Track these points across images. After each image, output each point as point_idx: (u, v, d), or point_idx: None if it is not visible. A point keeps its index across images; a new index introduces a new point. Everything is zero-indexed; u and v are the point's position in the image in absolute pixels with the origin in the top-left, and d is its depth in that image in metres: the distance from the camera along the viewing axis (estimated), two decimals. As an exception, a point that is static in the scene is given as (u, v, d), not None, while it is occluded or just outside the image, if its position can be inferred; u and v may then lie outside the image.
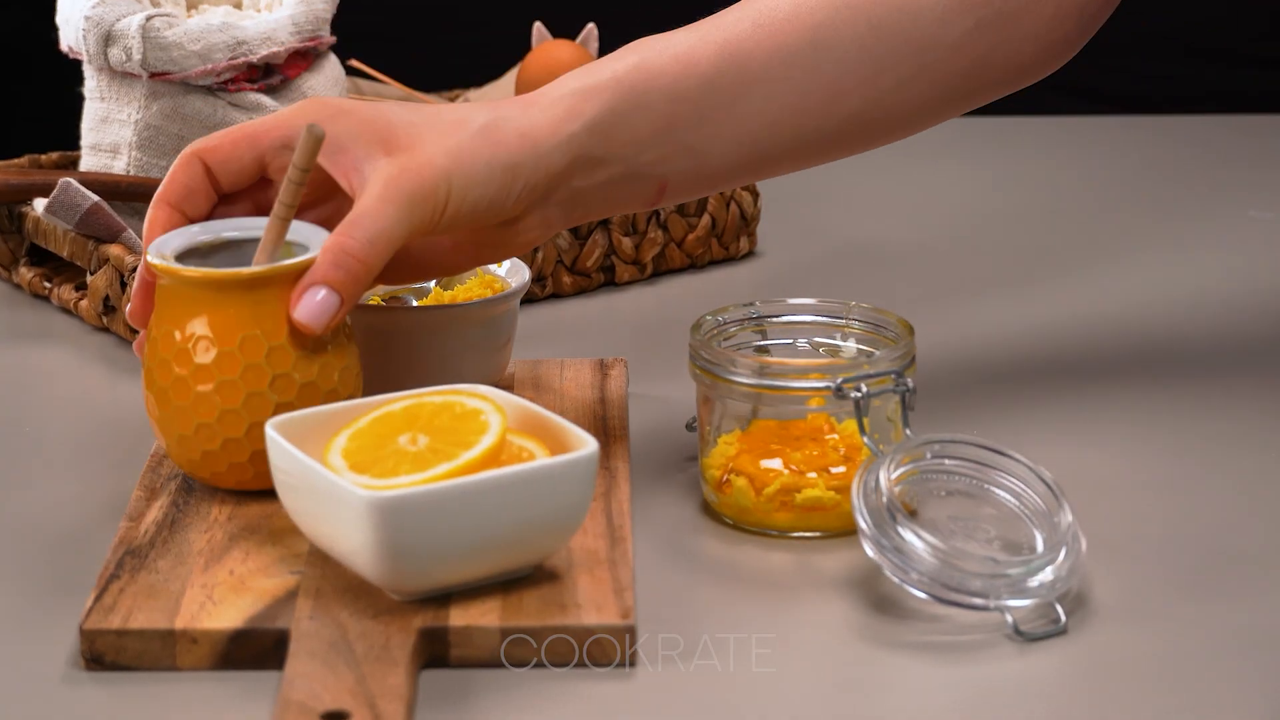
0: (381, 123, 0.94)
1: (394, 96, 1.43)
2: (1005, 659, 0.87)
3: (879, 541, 0.89)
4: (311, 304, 0.92)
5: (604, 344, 1.17)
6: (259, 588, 0.89)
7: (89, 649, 0.87)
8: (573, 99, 0.96)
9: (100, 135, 1.25)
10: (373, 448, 0.89)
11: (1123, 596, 0.92)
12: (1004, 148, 1.53)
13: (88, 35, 1.22)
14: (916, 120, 1.01)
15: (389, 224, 0.92)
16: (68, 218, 1.20)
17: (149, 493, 0.97)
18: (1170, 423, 1.08)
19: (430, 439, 0.89)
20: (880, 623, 0.90)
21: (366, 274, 0.92)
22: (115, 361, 1.17)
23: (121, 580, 0.90)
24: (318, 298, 0.92)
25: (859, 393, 0.94)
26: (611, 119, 0.96)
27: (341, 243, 0.92)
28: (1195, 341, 1.19)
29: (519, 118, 0.95)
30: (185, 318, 0.95)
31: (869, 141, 1.01)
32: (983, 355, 1.17)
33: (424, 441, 0.89)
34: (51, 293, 1.24)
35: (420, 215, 0.93)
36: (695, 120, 0.96)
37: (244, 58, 1.23)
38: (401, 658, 0.85)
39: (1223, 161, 1.52)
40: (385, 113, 0.94)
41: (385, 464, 0.88)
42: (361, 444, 0.90)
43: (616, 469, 0.99)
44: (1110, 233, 1.37)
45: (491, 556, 0.88)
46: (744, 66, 0.96)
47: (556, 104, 0.96)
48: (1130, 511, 0.99)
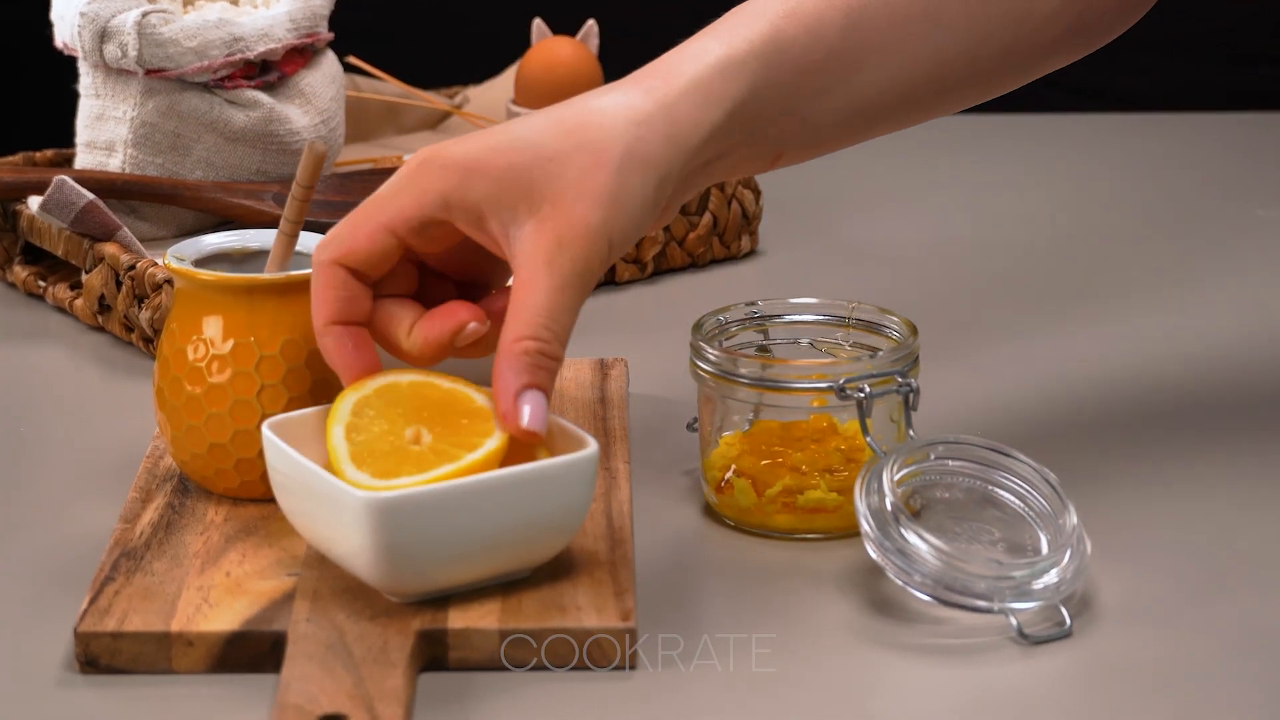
0: (516, 177, 0.87)
1: (392, 94, 1.42)
2: (1009, 662, 0.87)
3: (882, 543, 0.89)
4: (531, 411, 0.87)
5: (604, 344, 1.17)
6: (256, 590, 0.89)
7: (84, 652, 0.86)
8: (712, 81, 0.91)
9: (95, 133, 1.24)
10: (377, 436, 0.89)
11: (1128, 599, 0.91)
12: (1008, 146, 1.53)
13: (83, 31, 1.22)
14: (1011, 80, 1.01)
15: (567, 310, 0.87)
16: (63, 216, 1.19)
17: (144, 494, 0.97)
18: (1175, 424, 1.08)
19: (434, 438, 0.89)
20: (882, 625, 0.90)
21: (559, 366, 0.88)
22: (110, 361, 1.17)
23: (117, 582, 0.90)
24: (530, 403, 0.88)
25: (862, 393, 0.94)
26: (751, 99, 0.92)
27: (529, 347, 0.87)
28: (1200, 341, 1.18)
29: (659, 119, 0.89)
30: (189, 319, 0.96)
31: (961, 104, 1.00)
32: (986, 355, 1.16)
33: (428, 440, 0.89)
34: (46, 291, 1.24)
35: (589, 285, 0.88)
36: (815, 92, 0.94)
37: (241, 54, 1.23)
38: (400, 660, 0.84)
39: (1230, 159, 1.52)
40: (516, 161, 0.88)
41: (388, 461, 0.88)
42: (365, 422, 0.89)
43: (617, 470, 0.99)
44: (1114, 232, 1.37)
45: (491, 558, 0.88)
46: (865, 36, 0.94)
47: (697, 87, 0.90)
48: (1136, 513, 0.99)
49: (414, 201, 0.88)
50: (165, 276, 1.14)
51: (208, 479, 0.96)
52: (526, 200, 0.87)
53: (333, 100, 1.29)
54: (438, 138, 1.43)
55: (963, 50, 0.96)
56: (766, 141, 0.94)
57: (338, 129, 1.29)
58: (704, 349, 0.97)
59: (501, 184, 0.87)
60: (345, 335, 0.90)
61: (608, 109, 0.90)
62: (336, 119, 1.29)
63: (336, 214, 1.24)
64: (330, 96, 1.29)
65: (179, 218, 1.25)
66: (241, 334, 0.95)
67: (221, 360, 0.95)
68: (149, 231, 1.25)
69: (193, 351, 0.95)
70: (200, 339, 0.95)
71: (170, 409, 0.96)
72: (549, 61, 1.38)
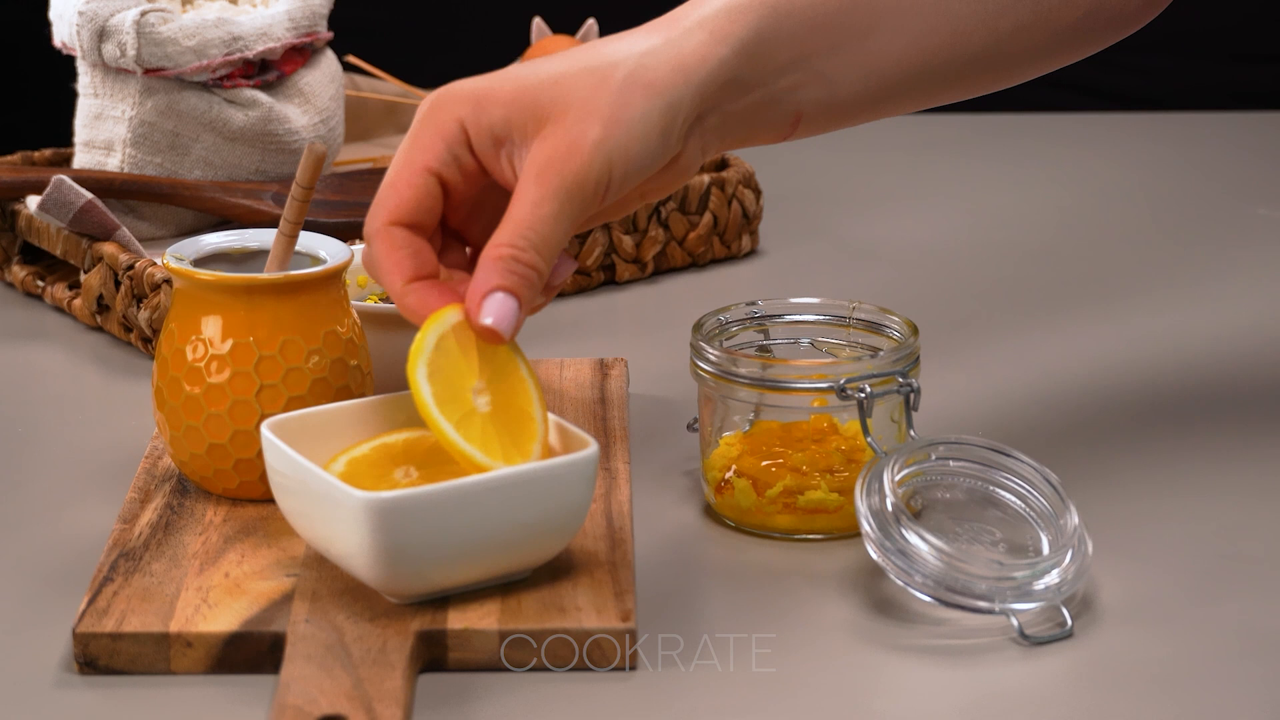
0: (525, 100, 0.88)
1: (391, 93, 1.42)
2: (1010, 663, 0.87)
3: (882, 544, 0.89)
4: (494, 307, 0.88)
5: (604, 343, 1.17)
6: (254, 590, 0.89)
7: (82, 652, 0.86)
8: (717, 20, 0.92)
9: (94, 132, 1.24)
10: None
11: (1129, 600, 0.91)
12: (1009, 145, 1.53)
13: (81, 30, 1.21)
14: (1033, 63, 1.01)
15: (550, 225, 0.88)
16: (61, 215, 1.19)
17: (143, 494, 0.97)
18: (1178, 424, 1.08)
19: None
20: (883, 625, 0.90)
21: (539, 276, 0.88)
22: (108, 361, 1.17)
23: (115, 583, 0.89)
24: (496, 300, 0.88)
25: (862, 393, 0.94)
26: (757, 41, 0.92)
27: (505, 253, 0.88)
28: (1203, 341, 1.18)
29: (665, 50, 0.90)
30: (188, 319, 0.96)
31: (989, 83, 1.01)
32: (987, 355, 1.16)
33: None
34: (44, 291, 1.23)
35: (581, 201, 0.88)
36: (829, 48, 0.94)
37: (240, 54, 1.23)
38: (399, 661, 0.84)
39: (1232, 159, 1.52)
40: (524, 85, 0.89)
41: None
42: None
43: (617, 470, 0.99)
44: (1116, 231, 1.37)
45: (490, 559, 0.88)
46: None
47: (701, 26, 0.92)
48: (1137, 513, 0.99)
49: (437, 134, 0.89)
50: (164, 276, 1.14)
51: (207, 479, 0.96)
52: (534, 120, 0.88)
53: (332, 99, 1.29)
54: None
55: (980, 21, 0.96)
56: (782, 99, 0.94)
57: (337, 128, 1.29)
58: (704, 349, 0.97)
59: (511, 107, 0.89)
60: (428, 288, 0.89)
61: (616, 43, 0.91)
62: (336, 118, 1.29)
63: (336, 214, 1.24)
64: (329, 96, 1.28)
65: (178, 217, 1.25)
66: (240, 334, 0.95)
67: (220, 360, 0.95)
68: (148, 231, 1.25)
69: (191, 351, 0.95)
70: (199, 339, 0.95)
71: (169, 409, 0.96)
72: (549, 60, 1.37)
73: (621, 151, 0.89)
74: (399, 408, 0.93)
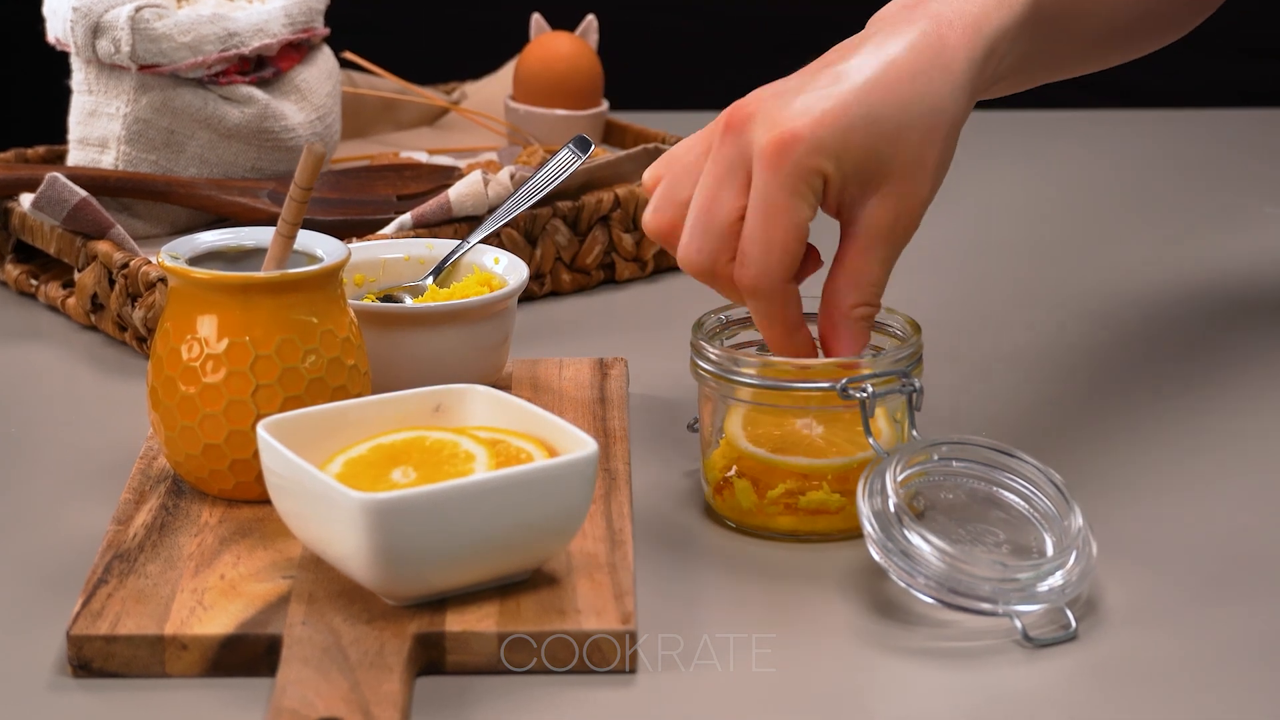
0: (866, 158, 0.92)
1: (389, 90, 1.42)
2: (1014, 665, 0.87)
3: (885, 545, 0.89)
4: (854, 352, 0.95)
5: (604, 343, 1.16)
6: (250, 592, 0.89)
7: (76, 655, 0.86)
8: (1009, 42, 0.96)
9: (88, 129, 1.24)
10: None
11: (1134, 601, 0.91)
12: (1013, 143, 1.53)
13: (75, 26, 1.21)
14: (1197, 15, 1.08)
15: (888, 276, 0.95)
16: (55, 213, 1.19)
17: (138, 495, 0.96)
18: (1183, 424, 1.08)
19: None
20: (885, 627, 0.89)
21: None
22: (103, 360, 1.16)
23: (110, 585, 0.89)
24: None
25: (864, 393, 0.93)
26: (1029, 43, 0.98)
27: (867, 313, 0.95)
28: (1209, 341, 1.19)
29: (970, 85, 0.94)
30: (183, 318, 0.95)
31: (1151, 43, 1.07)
32: (991, 355, 1.16)
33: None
34: (38, 290, 1.23)
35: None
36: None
37: (235, 50, 1.22)
38: (396, 664, 0.84)
39: (1239, 156, 1.52)
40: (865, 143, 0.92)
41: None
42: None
43: (616, 470, 0.99)
44: (1122, 229, 1.37)
45: (489, 560, 0.87)
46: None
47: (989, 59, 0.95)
48: (1142, 514, 0.99)
49: (808, 187, 0.92)
50: (159, 275, 1.13)
51: (202, 480, 0.96)
52: (877, 176, 0.93)
53: (328, 96, 1.28)
54: (435, 134, 1.42)
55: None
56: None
57: (334, 125, 1.29)
58: (705, 348, 0.96)
59: (862, 161, 0.93)
60: (805, 335, 0.95)
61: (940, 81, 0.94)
62: (332, 115, 1.28)
63: (333, 212, 1.23)
64: (326, 93, 1.28)
65: (173, 215, 1.25)
66: (236, 333, 0.94)
67: (216, 360, 0.94)
68: (142, 229, 1.24)
69: (187, 351, 0.95)
70: (194, 338, 0.95)
71: (164, 409, 0.95)
72: (548, 57, 1.37)
73: (935, 191, 0.95)
74: (396, 408, 0.93)
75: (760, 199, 0.91)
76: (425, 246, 1.10)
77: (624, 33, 1.51)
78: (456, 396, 0.94)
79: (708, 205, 0.92)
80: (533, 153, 1.33)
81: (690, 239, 0.93)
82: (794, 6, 1.94)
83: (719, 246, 0.93)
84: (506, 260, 1.08)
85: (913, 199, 0.94)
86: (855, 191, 0.93)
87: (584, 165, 1.24)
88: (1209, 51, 1.95)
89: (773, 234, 0.92)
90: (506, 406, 0.92)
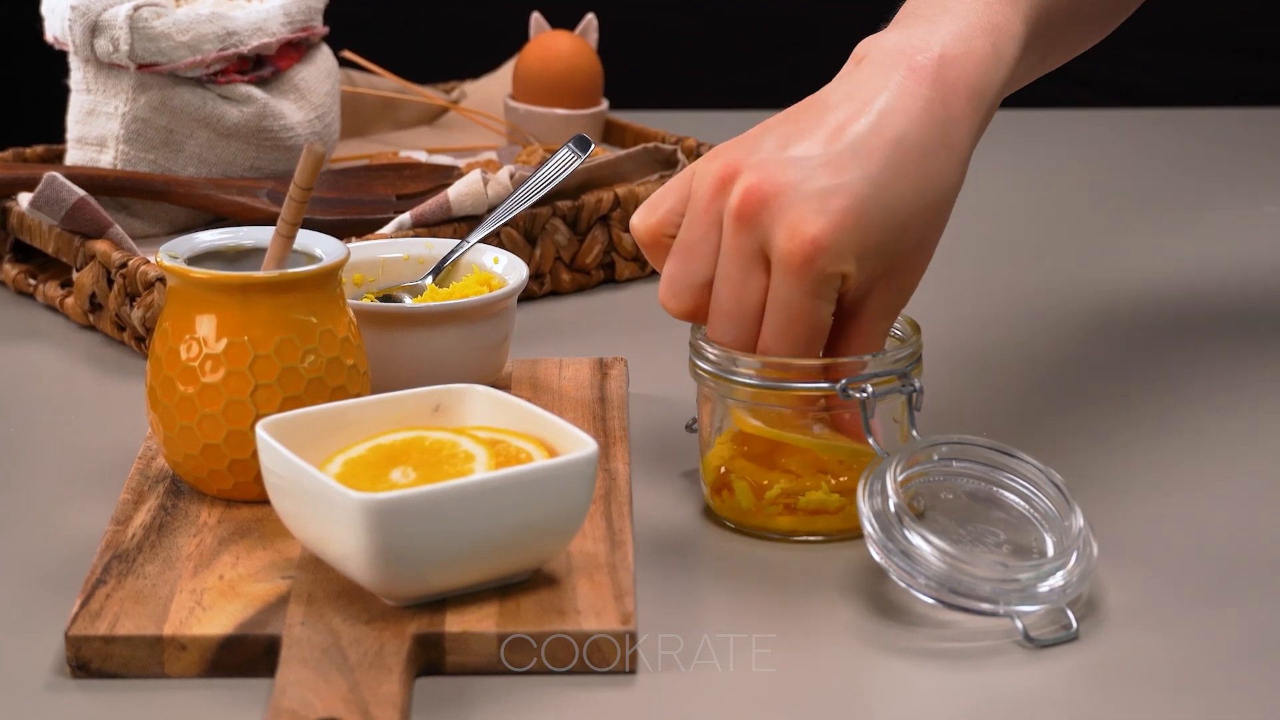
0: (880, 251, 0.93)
1: (388, 89, 1.42)
2: (1015, 666, 0.87)
3: (885, 545, 0.88)
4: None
5: (604, 343, 1.16)
6: (249, 593, 0.88)
7: (75, 656, 0.86)
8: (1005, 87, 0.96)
9: (86, 128, 1.24)
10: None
11: (1135, 602, 0.91)
12: (1013, 142, 1.53)
13: (74, 25, 1.21)
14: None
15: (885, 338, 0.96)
16: (53, 213, 1.18)
17: (136, 496, 0.96)
18: (1184, 424, 1.07)
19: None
20: (885, 628, 0.89)
21: None
22: (101, 360, 1.16)
23: (108, 585, 0.89)
24: None
25: (864, 393, 0.93)
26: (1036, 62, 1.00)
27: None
28: (1209, 341, 1.18)
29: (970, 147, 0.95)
30: (182, 318, 0.95)
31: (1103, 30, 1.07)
32: (991, 355, 1.16)
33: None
34: (36, 290, 1.23)
35: None
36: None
37: (234, 49, 1.22)
38: (396, 665, 0.84)
39: (1239, 155, 1.52)
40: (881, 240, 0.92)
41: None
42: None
43: (616, 471, 0.98)
44: (1122, 229, 1.37)
45: (488, 561, 0.87)
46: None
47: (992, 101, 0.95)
48: (1142, 514, 0.98)
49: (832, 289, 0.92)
50: (157, 274, 1.13)
51: (201, 480, 0.96)
52: (888, 268, 0.94)
53: (327, 95, 1.28)
54: (435, 134, 1.42)
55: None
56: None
57: (333, 124, 1.29)
58: (704, 348, 0.96)
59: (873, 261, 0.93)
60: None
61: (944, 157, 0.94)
62: (331, 114, 1.28)
63: (331, 211, 1.23)
64: (325, 92, 1.28)
65: (171, 215, 1.25)
66: (235, 333, 0.94)
67: (215, 359, 0.94)
68: (141, 229, 1.24)
69: (185, 351, 0.95)
70: (193, 338, 0.94)
71: (163, 409, 0.95)
72: (547, 56, 1.37)
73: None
74: (395, 408, 0.93)
75: (782, 304, 0.92)
76: (424, 246, 1.10)
77: (624, 32, 1.51)
78: (456, 396, 0.94)
79: (735, 298, 0.93)
80: (532, 152, 1.33)
81: (724, 329, 0.94)
82: (794, 6, 1.94)
83: (752, 330, 0.94)
84: (506, 260, 1.08)
85: (915, 275, 0.95)
86: (864, 283, 0.93)
87: (584, 165, 1.24)
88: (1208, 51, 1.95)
89: (797, 334, 0.93)
90: (506, 406, 0.92)
